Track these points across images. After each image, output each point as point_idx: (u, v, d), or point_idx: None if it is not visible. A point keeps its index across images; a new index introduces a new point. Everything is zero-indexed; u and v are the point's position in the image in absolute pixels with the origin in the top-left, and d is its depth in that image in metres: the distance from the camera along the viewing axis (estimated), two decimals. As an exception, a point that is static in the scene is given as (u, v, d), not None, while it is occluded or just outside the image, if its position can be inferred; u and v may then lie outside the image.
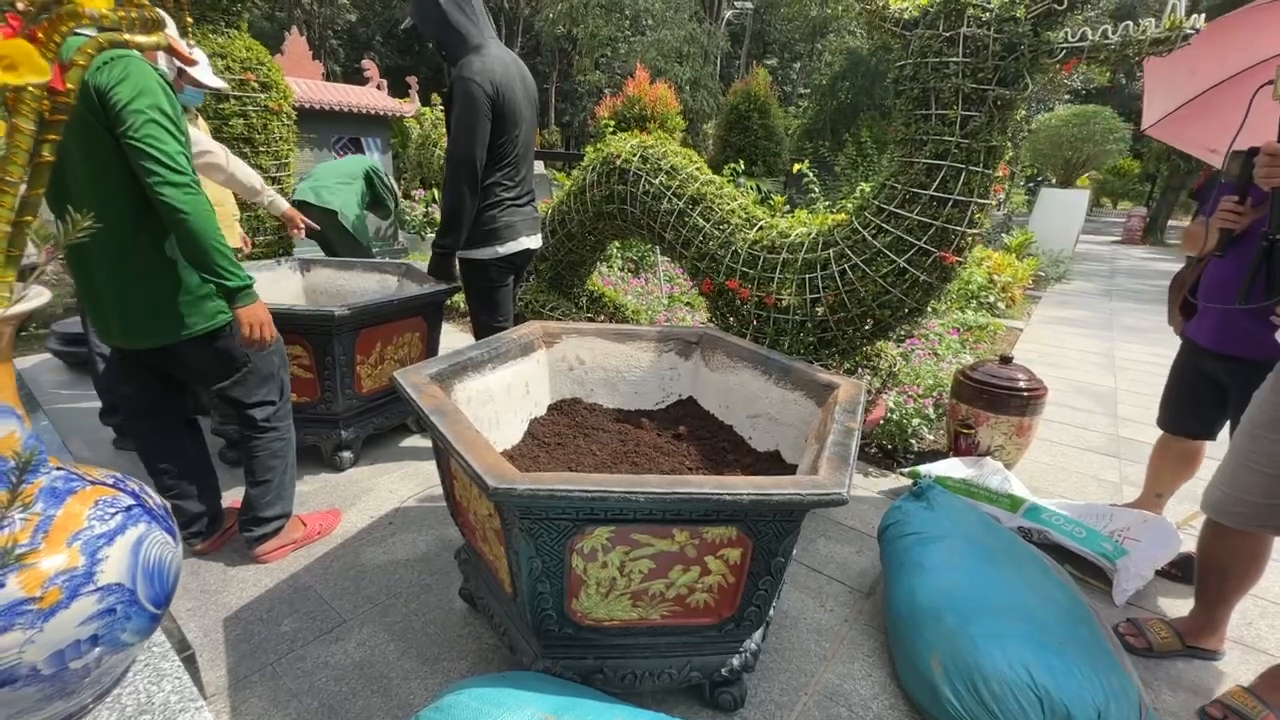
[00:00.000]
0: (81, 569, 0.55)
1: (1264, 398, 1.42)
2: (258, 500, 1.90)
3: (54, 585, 0.52)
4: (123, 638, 0.59)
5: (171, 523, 0.69)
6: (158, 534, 0.63)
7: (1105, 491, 2.71)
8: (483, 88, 2.01)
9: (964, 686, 1.39)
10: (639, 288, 5.21)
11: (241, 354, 1.76)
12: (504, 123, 2.11)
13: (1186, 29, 1.61)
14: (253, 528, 1.91)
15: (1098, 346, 5.03)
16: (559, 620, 1.29)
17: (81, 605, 0.55)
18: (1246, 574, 1.59)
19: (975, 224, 2.03)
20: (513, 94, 2.11)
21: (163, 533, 0.65)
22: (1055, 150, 11.03)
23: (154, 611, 0.62)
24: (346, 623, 1.71)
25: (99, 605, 0.56)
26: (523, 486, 1.07)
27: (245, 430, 1.87)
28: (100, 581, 0.56)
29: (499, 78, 2.05)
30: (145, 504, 0.63)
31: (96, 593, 0.56)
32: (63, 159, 1.44)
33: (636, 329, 2.14)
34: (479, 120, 2.03)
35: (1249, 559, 1.56)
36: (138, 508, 0.63)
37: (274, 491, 1.91)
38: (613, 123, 7.34)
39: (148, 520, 0.63)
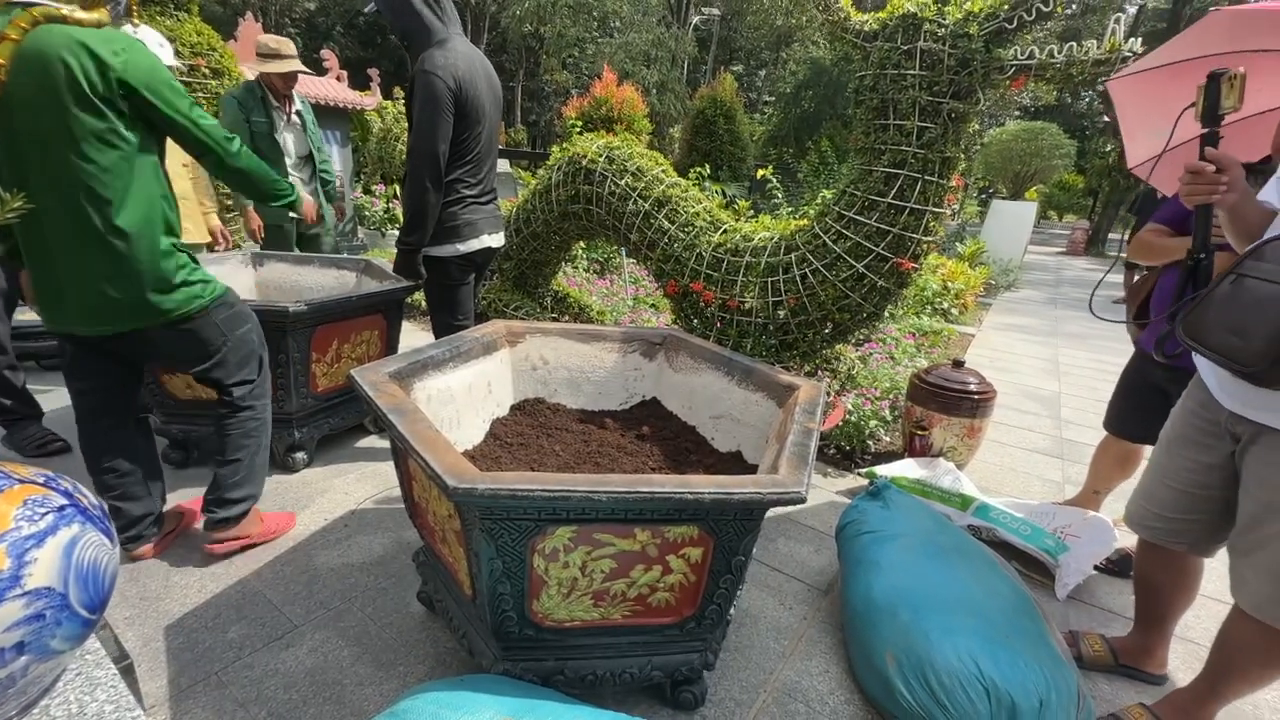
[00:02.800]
0: (7, 572, 0.52)
1: (1177, 414, 1.47)
2: (226, 480, 1.85)
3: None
4: (52, 645, 0.56)
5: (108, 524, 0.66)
6: (93, 535, 0.60)
7: (1049, 490, 2.83)
8: (445, 81, 1.98)
9: (916, 680, 1.44)
10: (604, 289, 5.20)
11: (219, 335, 1.75)
12: (466, 119, 2.08)
13: (1125, 51, 1.70)
14: (216, 509, 1.86)
15: (1043, 352, 5.25)
16: (519, 622, 1.28)
17: (7, 610, 0.51)
18: (1179, 594, 1.59)
19: (930, 232, 2.11)
20: (475, 90, 2.08)
21: (98, 534, 0.62)
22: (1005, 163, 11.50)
23: (87, 617, 0.58)
24: (298, 628, 1.66)
25: (26, 610, 0.53)
26: (483, 486, 1.05)
27: (221, 409, 1.84)
28: (28, 585, 0.53)
29: (462, 72, 2.02)
30: (79, 503, 0.60)
31: (24, 597, 0.53)
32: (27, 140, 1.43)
33: (601, 329, 2.14)
34: (441, 115, 2.00)
35: (1180, 578, 1.56)
36: (71, 507, 0.59)
37: (244, 470, 1.87)
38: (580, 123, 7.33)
39: (82, 521, 0.60)
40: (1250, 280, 1.08)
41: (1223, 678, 1.40)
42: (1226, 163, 1.19)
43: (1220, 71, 1.19)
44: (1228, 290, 1.12)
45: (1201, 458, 1.38)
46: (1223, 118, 1.21)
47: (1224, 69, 1.19)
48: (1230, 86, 1.17)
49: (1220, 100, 1.19)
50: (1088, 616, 2.00)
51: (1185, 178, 1.24)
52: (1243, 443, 1.26)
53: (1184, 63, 1.65)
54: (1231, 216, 1.26)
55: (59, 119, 1.41)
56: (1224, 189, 1.19)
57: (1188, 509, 1.43)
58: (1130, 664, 1.71)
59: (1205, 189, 1.20)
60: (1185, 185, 1.25)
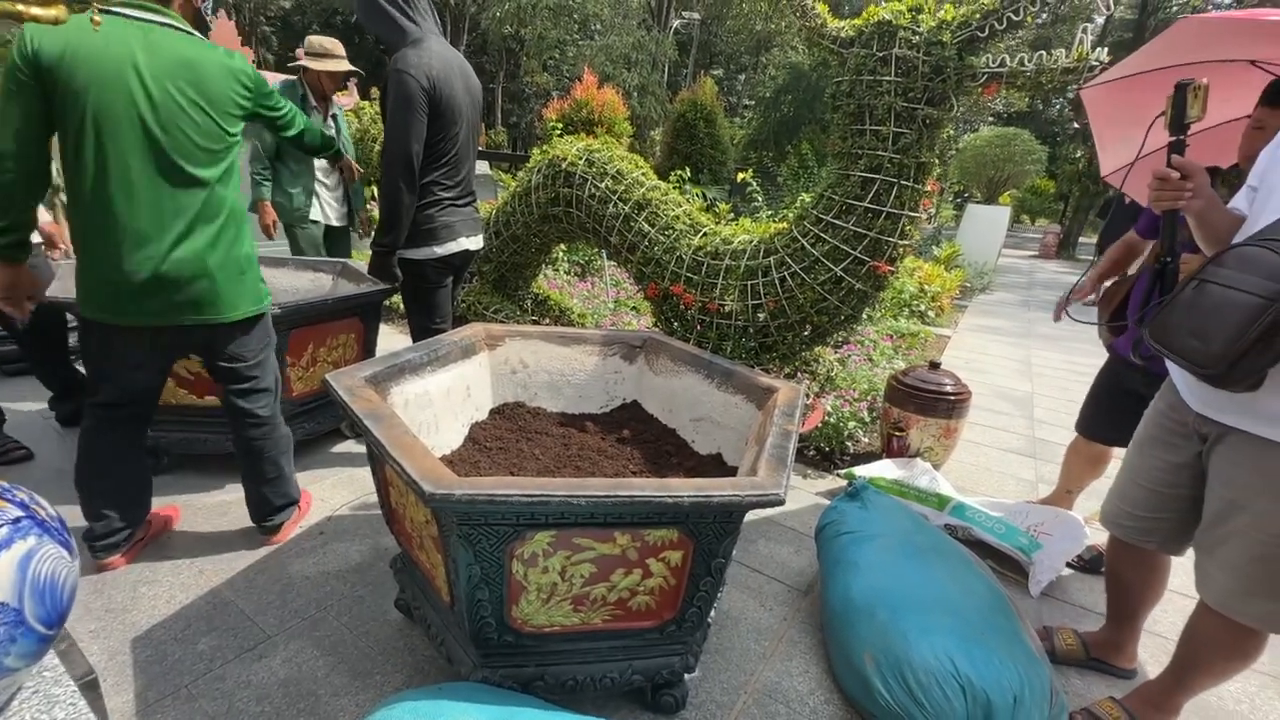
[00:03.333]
0: (-43, 587, 0.50)
1: (1149, 415, 1.51)
2: (275, 494, 1.96)
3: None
4: (6, 662, 0.54)
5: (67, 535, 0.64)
6: (50, 548, 0.58)
7: (1023, 489, 2.88)
8: (417, 81, 1.96)
9: (894, 679, 1.45)
10: (586, 291, 5.19)
11: (265, 339, 1.86)
12: (441, 119, 2.06)
13: (1092, 60, 1.74)
14: (274, 516, 1.98)
15: (1017, 353, 5.36)
16: (499, 628, 1.26)
17: (-43, 627, 0.50)
18: (1148, 590, 1.63)
19: (906, 235, 2.14)
20: (451, 90, 2.06)
21: (56, 546, 0.59)
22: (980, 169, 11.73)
23: (44, 633, 0.56)
24: (271, 639, 1.62)
25: (-20, 626, 0.51)
26: (461, 492, 1.04)
27: (247, 431, 1.87)
28: (-18, 601, 0.51)
29: (436, 72, 2.00)
30: (36, 515, 0.58)
31: (-24, 613, 0.51)
32: (158, 133, 1.52)
33: (581, 332, 2.14)
34: (414, 115, 1.97)
35: (1149, 575, 1.61)
36: (27, 519, 0.57)
37: (286, 479, 1.99)
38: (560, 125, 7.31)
39: (39, 533, 0.58)
40: (1211, 285, 1.11)
41: (1189, 671, 1.44)
42: (1192, 170, 1.22)
43: (1186, 82, 1.22)
44: (1190, 295, 1.15)
45: (1171, 458, 1.42)
46: (1189, 126, 1.24)
47: (1189, 80, 1.22)
48: (1195, 96, 1.21)
49: (1186, 110, 1.23)
50: (1060, 612, 2.04)
51: (1153, 184, 1.28)
52: (1209, 443, 1.30)
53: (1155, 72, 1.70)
54: (1199, 222, 1.29)
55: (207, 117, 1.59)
56: (1189, 195, 1.22)
57: (1157, 508, 1.46)
58: (1101, 658, 1.75)
59: (1171, 195, 1.24)
60: (1153, 191, 1.28)
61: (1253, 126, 1.51)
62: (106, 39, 1.45)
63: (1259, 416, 1.16)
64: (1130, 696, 1.56)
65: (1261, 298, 1.00)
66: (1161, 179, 1.24)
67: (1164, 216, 1.32)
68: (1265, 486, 1.19)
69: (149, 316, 1.60)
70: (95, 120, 1.46)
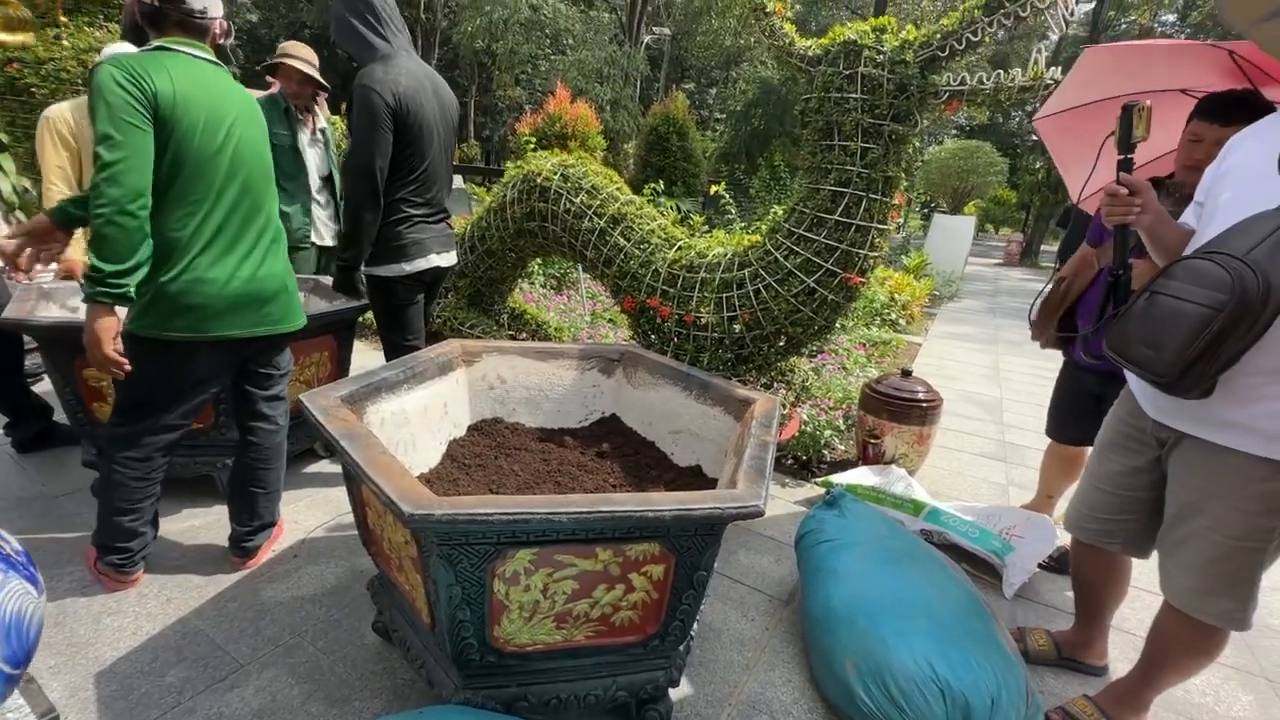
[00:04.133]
0: (-82, 629, 0.48)
1: (1109, 421, 1.57)
2: (267, 507, 1.96)
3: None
4: (-28, 704, 0.52)
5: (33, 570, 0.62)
6: (15, 584, 0.56)
7: (994, 493, 2.95)
8: (382, 96, 1.95)
9: (875, 685, 1.47)
10: (562, 305, 5.19)
11: None
12: (408, 134, 2.05)
13: (1047, 79, 1.82)
14: (255, 536, 1.95)
15: (985, 359, 5.50)
16: (481, 648, 1.25)
17: (-82, 671, 0.48)
18: (1110, 590, 1.68)
19: (876, 248, 2.19)
20: (419, 106, 2.05)
21: (22, 581, 0.57)
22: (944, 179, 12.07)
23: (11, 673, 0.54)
24: (244, 668, 1.58)
25: (-56, 669, 0.49)
26: (440, 512, 1.03)
27: (260, 436, 1.90)
28: (-57, 642, 0.50)
29: (403, 88, 2.00)
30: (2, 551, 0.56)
31: (-58, 655, 0.49)
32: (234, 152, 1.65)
33: (559, 347, 2.14)
34: (377, 130, 1.97)
35: (1111, 575, 1.66)
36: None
37: (276, 492, 1.99)
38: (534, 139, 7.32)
39: (4, 569, 0.56)
40: (1161, 297, 1.16)
41: (1156, 668, 1.48)
42: (1139, 186, 1.28)
43: (1131, 105, 1.29)
44: (1143, 306, 1.20)
45: (1130, 462, 1.47)
46: (1135, 145, 1.31)
47: (1134, 102, 1.29)
48: (1140, 118, 1.28)
49: (1133, 130, 1.29)
50: (1034, 613, 2.09)
51: (1103, 200, 1.34)
52: (1167, 448, 1.35)
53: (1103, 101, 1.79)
54: (1150, 236, 1.36)
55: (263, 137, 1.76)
56: (1138, 210, 1.28)
57: (1119, 511, 1.52)
58: (1072, 656, 1.79)
59: (1121, 210, 1.30)
60: (1104, 207, 1.35)
61: (1189, 139, 1.60)
62: (195, 81, 1.55)
63: (1210, 423, 1.21)
64: (1103, 694, 1.60)
65: (1208, 308, 1.05)
66: (1111, 195, 1.31)
67: (1115, 231, 1.38)
68: (1218, 490, 1.24)
69: (238, 328, 1.69)
70: (196, 155, 1.56)
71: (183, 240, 1.58)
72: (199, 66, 1.59)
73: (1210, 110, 1.54)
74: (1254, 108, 1.48)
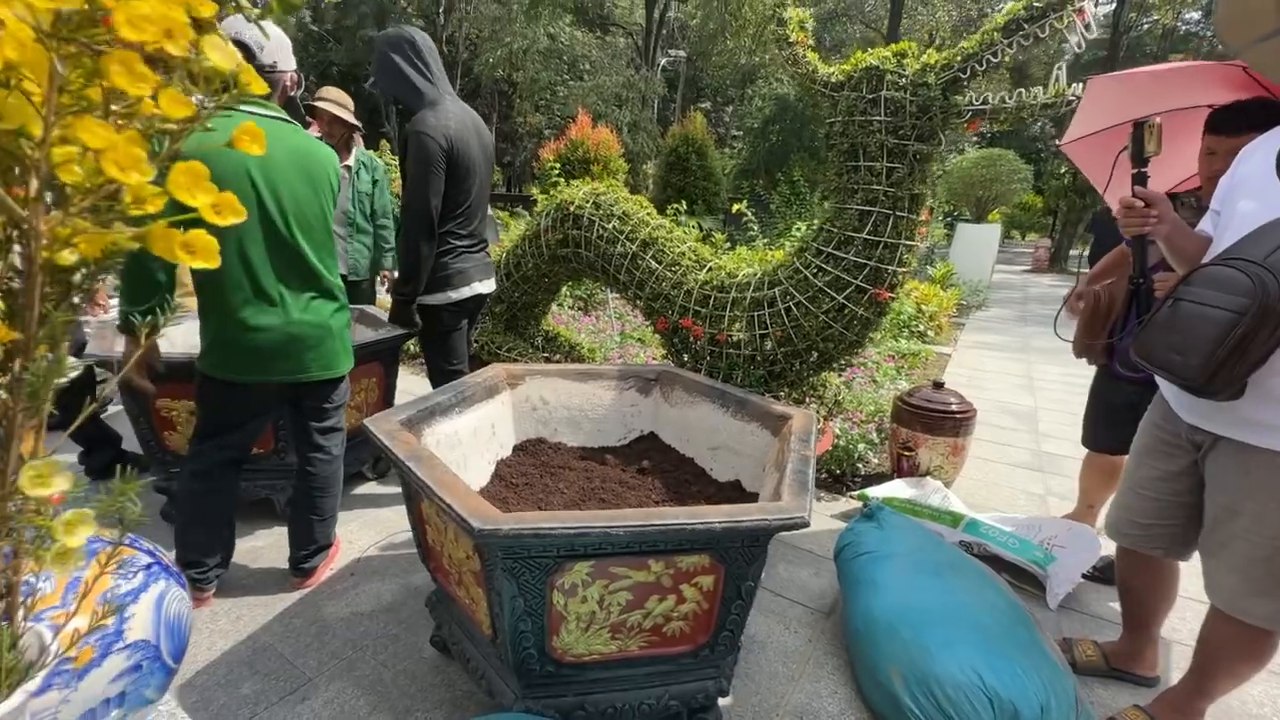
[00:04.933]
0: (111, 627, 0.57)
1: (1144, 426, 1.59)
2: (323, 530, 2.05)
3: (87, 644, 0.54)
4: (146, 694, 0.60)
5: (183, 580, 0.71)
6: (175, 590, 0.65)
7: (1032, 503, 2.93)
8: (437, 141, 2.08)
9: (922, 694, 1.49)
10: (590, 325, 5.29)
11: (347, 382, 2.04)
12: (458, 173, 2.18)
13: (1069, 95, 1.87)
14: (313, 559, 2.05)
15: (1017, 369, 5.44)
16: (540, 658, 1.31)
17: (112, 663, 0.56)
18: (1159, 597, 1.67)
19: (904, 263, 2.24)
20: (466, 146, 2.18)
21: (179, 589, 0.66)
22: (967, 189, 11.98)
23: (173, 666, 0.63)
24: (312, 681, 1.66)
25: (127, 662, 0.57)
26: (507, 527, 1.11)
27: (316, 466, 1.99)
28: (129, 638, 0.58)
29: (453, 131, 2.13)
30: (161, 561, 0.65)
31: (125, 650, 0.57)
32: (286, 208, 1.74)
33: (597, 368, 2.22)
34: (433, 172, 2.10)
35: (1158, 582, 1.65)
36: (156, 565, 0.64)
37: (332, 516, 2.09)
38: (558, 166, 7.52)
39: (166, 577, 0.65)
40: (1184, 303, 1.20)
41: (1207, 675, 1.48)
42: (1154, 198, 1.33)
43: (1142, 121, 1.35)
44: (1167, 313, 1.24)
45: (1167, 466, 1.49)
46: (1148, 160, 1.36)
47: (1145, 119, 1.35)
48: (1150, 134, 1.33)
49: (1144, 146, 1.34)
50: (1080, 624, 2.08)
51: (1120, 213, 1.39)
52: (1203, 451, 1.37)
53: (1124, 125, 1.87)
54: (1168, 246, 1.40)
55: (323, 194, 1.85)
56: (1154, 221, 1.33)
57: (1159, 515, 1.53)
58: (1121, 667, 1.78)
59: (1137, 222, 1.35)
60: (1121, 219, 1.39)
61: (1206, 152, 1.65)
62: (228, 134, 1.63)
63: (1243, 424, 1.24)
64: (1154, 703, 1.59)
65: (1231, 312, 1.09)
66: (1127, 208, 1.35)
67: (1133, 241, 1.42)
68: (1255, 490, 1.25)
69: (281, 374, 1.78)
70: None
71: (221, 289, 1.69)
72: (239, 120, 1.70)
73: (1218, 124, 1.59)
74: (1267, 116, 1.51)
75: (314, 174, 1.81)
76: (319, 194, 1.83)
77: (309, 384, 1.88)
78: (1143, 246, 1.44)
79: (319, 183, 1.83)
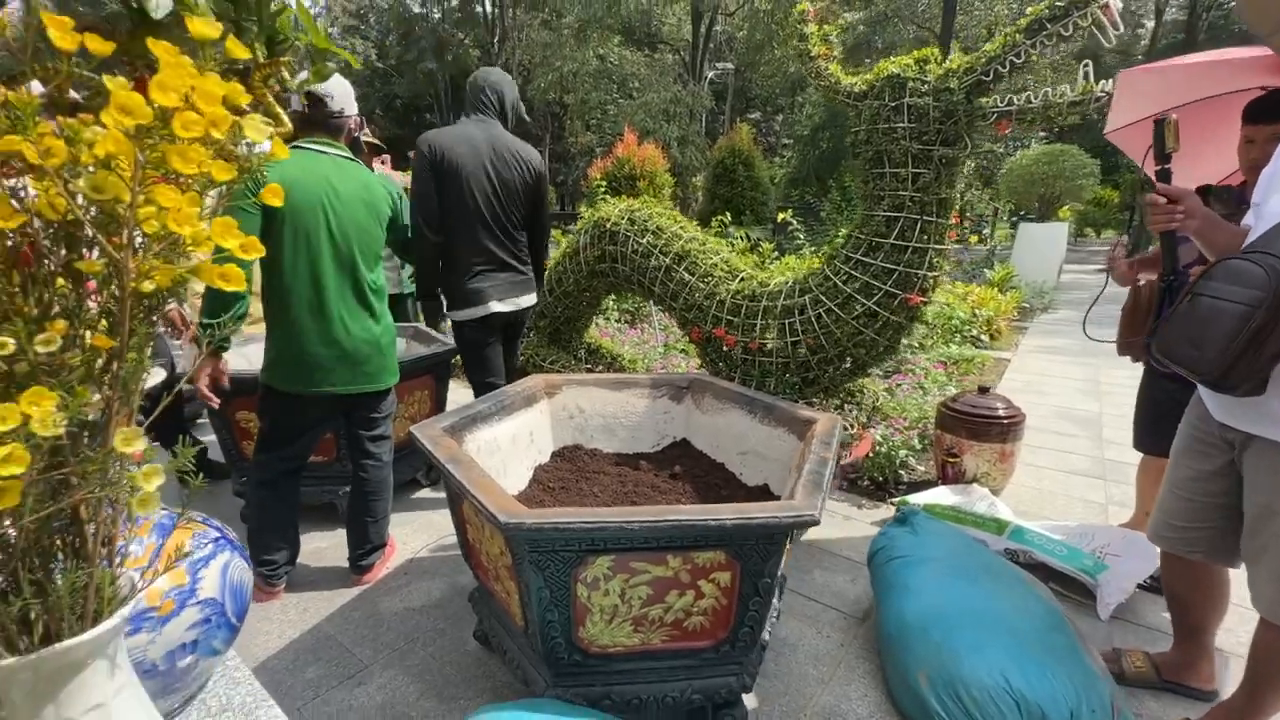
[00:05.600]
0: (187, 586, 0.70)
1: (1182, 427, 1.54)
2: (378, 531, 2.22)
3: (168, 598, 0.67)
4: (214, 645, 0.73)
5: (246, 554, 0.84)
6: (238, 560, 0.78)
7: (1091, 512, 2.81)
8: (420, 150, 2.26)
9: (949, 697, 1.49)
10: (635, 338, 5.40)
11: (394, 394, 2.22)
12: (448, 183, 2.26)
13: (1097, 92, 1.84)
14: (370, 556, 2.22)
15: (1083, 373, 5.18)
16: (568, 648, 1.40)
17: (187, 615, 0.69)
18: (1206, 605, 1.60)
19: (934, 267, 2.23)
20: (457, 157, 2.24)
21: (241, 560, 0.80)
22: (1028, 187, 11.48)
23: (236, 625, 0.76)
24: (368, 668, 1.81)
25: (199, 615, 0.70)
26: (530, 521, 1.21)
27: (368, 472, 2.16)
28: (200, 596, 0.71)
29: (444, 141, 2.25)
30: (227, 536, 0.79)
31: (198, 605, 0.71)
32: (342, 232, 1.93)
33: (631, 377, 2.31)
34: (418, 177, 2.26)
35: (1203, 588, 1.59)
36: (222, 539, 0.78)
37: (385, 517, 2.25)
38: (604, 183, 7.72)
39: (230, 550, 0.78)
40: (1202, 298, 1.18)
41: (1259, 688, 1.42)
42: (1179, 194, 1.31)
43: (1161, 119, 1.34)
44: (1185, 308, 1.22)
45: (1203, 466, 1.44)
46: (1170, 156, 1.34)
47: (1164, 117, 1.33)
48: (1169, 131, 1.32)
49: (1165, 142, 1.33)
50: (1133, 635, 1.99)
51: (1145, 210, 1.37)
52: (1238, 450, 1.33)
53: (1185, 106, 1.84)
54: (1201, 240, 1.37)
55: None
56: (1181, 217, 1.31)
57: (1196, 517, 1.48)
58: (1174, 679, 1.71)
59: (1164, 218, 1.33)
60: (1147, 216, 1.38)
61: (1244, 141, 1.61)
62: (304, 169, 1.86)
63: (1270, 420, 1.20)
64: (1205, 717, 1.53)
65: (1245, 305, 1.07)
66: (1151, 205, 1.34)
67: (1162, 237, 1.40)
68: None
69: (336, 387, 1.96)
70: (296, 233, 1.86)
71: (289, 307, 1.89)
72: (313, 157, 1.90)
73: (1255, 113, 1.55)
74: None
75: (374, 205, 2.02)
76: (378, 223, 2.03)
77: (360, 396, 2.05)
78: (1171, 243, 1.42)
79: (379, 213, 2.04)
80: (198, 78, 0.39)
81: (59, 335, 0.40)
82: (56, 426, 0.38)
